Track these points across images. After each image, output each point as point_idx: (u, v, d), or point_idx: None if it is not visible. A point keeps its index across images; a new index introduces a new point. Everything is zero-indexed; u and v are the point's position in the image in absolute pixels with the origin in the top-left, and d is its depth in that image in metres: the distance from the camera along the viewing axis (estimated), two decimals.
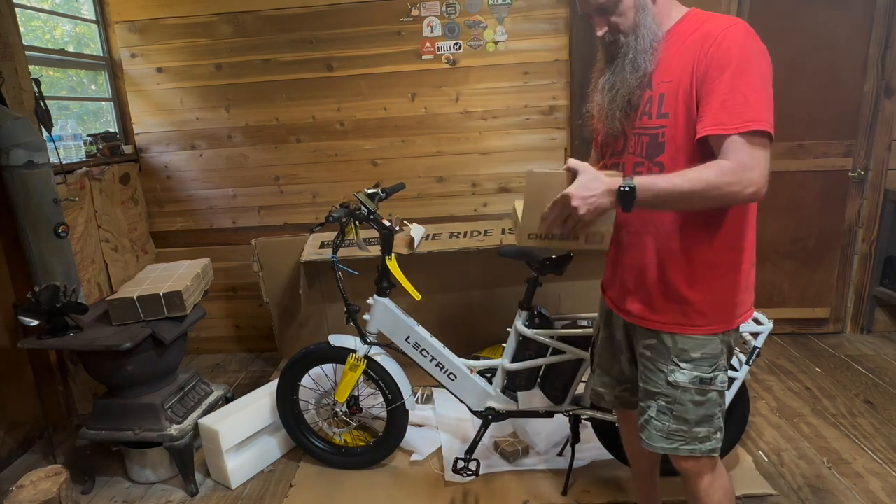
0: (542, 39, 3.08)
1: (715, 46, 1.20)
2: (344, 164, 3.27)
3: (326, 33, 3.10)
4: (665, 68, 1.29)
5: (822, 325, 3.38)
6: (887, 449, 2.29)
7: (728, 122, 1.17)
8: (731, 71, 1.17)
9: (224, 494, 2.24)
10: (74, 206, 2.67)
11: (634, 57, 1.29)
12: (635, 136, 1.36)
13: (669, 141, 1.28)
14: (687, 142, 1.26)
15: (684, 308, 1.35)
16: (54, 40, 3.07)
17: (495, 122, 3.19)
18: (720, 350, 1.37)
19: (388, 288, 2.16)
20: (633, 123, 1.35)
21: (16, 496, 1.70)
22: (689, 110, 1.25)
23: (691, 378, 1.35)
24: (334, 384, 2.33)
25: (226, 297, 3.47)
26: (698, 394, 1.36)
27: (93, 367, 2.27)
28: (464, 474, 2.12)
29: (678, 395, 1.37)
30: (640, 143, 1.34)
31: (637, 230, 1.38)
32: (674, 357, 1.37)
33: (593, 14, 1.32)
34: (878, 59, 3.00)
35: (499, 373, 2.14)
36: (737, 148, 1.17)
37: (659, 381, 1.39)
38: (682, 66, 1.25)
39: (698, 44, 1.23)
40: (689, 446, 1.39)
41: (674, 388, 1.37)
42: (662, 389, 1.39)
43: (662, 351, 1.38)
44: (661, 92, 1.29)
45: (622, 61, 1.31)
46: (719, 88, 1.18)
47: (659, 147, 1.30)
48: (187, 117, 3.24)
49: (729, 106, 1.17)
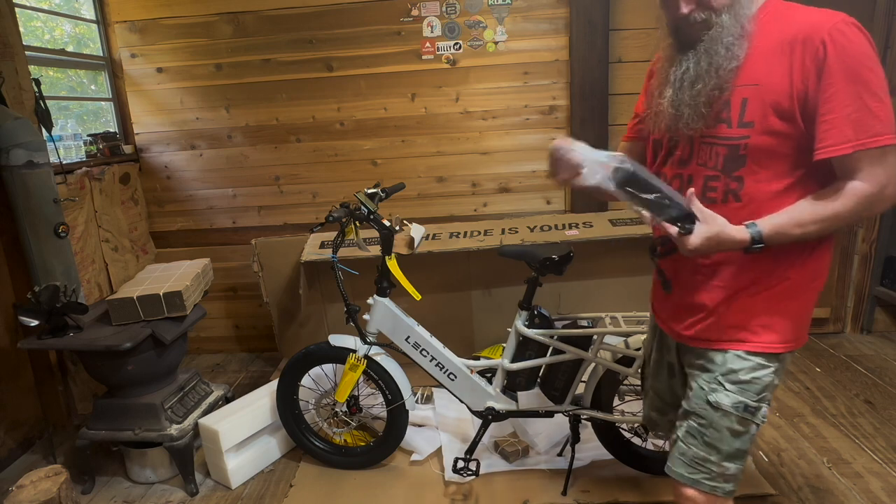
0: (542, 39, 3.08)
1: (825, 51, 1.04)
2: (344, 164, 3.27)
3: (326, 33, 3.10)
4: (749, 67, 1.12)
5: (822, 325, 3.38)
6: (887, 449, 2.29)
7: (858, 139, 1.04)
8: (850, 79, 1.03)
9: (224, 494, 2.24)
10: (74, 206, 2.67)
11: (731, 42, 1.10)
12: (707, 146, 1.18)
13: (753, 154, 1.13)
14: (774, 156, 1.12)
15: (744, 323, 1.21)
16: (54, 40, 3.07)
17: (495, 122, 3.19)
18: (770, 380, 1.21)
19: (388, 288, 2.16)
20: (702, 130, 1.18)
21: (16, 496, 1.70)
22: (784, 123, 1.09)
23: (735, 402, 1.20)
24: (334, 384, 2.33)
25: (226, 297, 3.47)
26: (739, 423, 1.20)
27: (93, 367, 2.27)
28: (464, 474, 2.12)
29: (716, 419, 1.21)
30: (714, 154, 1.17)
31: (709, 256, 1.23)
32: (719, 375, 1.22)
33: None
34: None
35: (499, 373, 2.14)
36: (870, 165, 1.05)
37: (697, 399, 1.24)
38: (772, 69, 1.09)
39: (799, 45, 1.06)
40: (713, 482, 1.23)
41: (713, 408, 1.21)
42: (698, 408, 1.23)
43: (709, 368, 1.24)
44: (744, 96, 1.12)
45: (712, 47, 1.11)
46: (840, 100, 1.04)
47: (739, 161, 1.14)
48: (187, 117, 3.24)
49: (856, 120, 1.03)
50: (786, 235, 1.10)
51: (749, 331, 1.20)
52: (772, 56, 1.09)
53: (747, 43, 1.11)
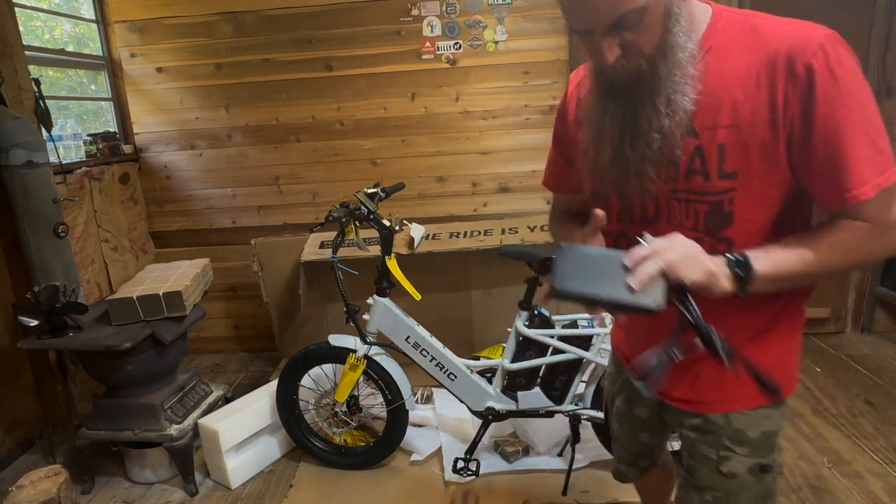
0: (542, 39, 3.08)
1: (813, 78, 0.83)
2: (344, 164, 3.27)
3: (326, 33, 3.10)
4: (717, 104, 0.89)
5: (823, 325, 3.37)
6: (887, 449, 2.29)
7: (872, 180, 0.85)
8: (849, 110, 0.83)
9: (224, 494, 2.24)
10: (74, 206, 2.67)
11: (671, 92, 0.87)
12: (680, 204, 0.96)
13: (740, 209, 0.91)
14: (765, 205, 0.91)
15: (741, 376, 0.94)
16: (54, 40, 3.07)
17: (495, 122, 3.19)
18: (779, 423, 1.06)
19: (388, 288, 2.16)
20: (671, 185, 0.95)
21: (15, 496, 1.70)
22: (769, 166, 0.88)
23: (750, 467, 1.03)
24: (334, 384, 2.33)
25: (226, 297, 3.47)
26: (758, 485, 1.05)
27: (92, 367, 2.27)
28: (464, 474, 2.12)
29: (733, 489, 1.05)
30: (691, 212, 0.95)
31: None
32: (726, 441, 1.04)
33: (602, 32, 0.84)
34: (878, 59, 2.99)
35: (499, 373, 2.14)
36: (880, 205, 0.86)
37: (706, 472, 1.07)
38: (750, 102, 0.87)
39: (779, 71, 0.85)
40: None
41: (727, 479, 1.04)
42: (710, 483, 1.07)
43: (712, 432, 1.05)
44: (720, 142, 0.89)
45: (649, 99, 0.88)
46: (841, 139, 0.84)
47: (725, 219, 0.92)
48: (187, 117, 3.24)
49: (867, 157, 0.85)
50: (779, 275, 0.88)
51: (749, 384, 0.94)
52: (747, 87, 0.87)
53: (692, 88, 0.87)
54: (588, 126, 0.99)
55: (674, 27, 0.85)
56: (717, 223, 0.94)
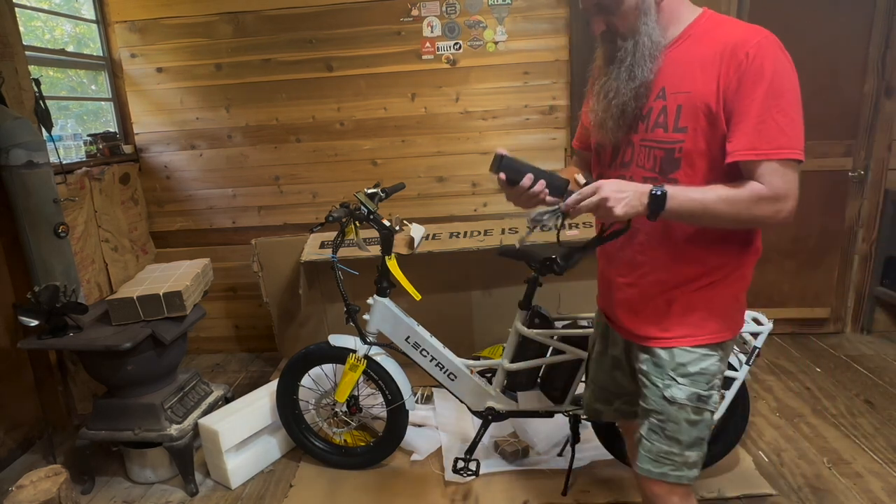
0: (542, 39, 3.08)
1: (747, 63, 1.12)
2: (344, 164, 3.27)
3: (326, 33, 3.10)
4: (682, 77, 1.20)
5: (822, 325, 3.38)
6: (887, 449, 2.29)
7: (761, 148, 1.12)
8: (764, 92, 1.11)
9: (224, 494, 2.24)
10: (74, 206, 2.67)
11: (631, 65, 1.20)
12: (645, 149, 1.26)
13: (687, 156, 1.20)
14: (706, 158, 1.19)
15: (685, 319, 1.29)
16: (54, 40, 3.07)
17: (495, 122, 3.19)
18: (717, 368, 1.30)
19: (388, 288, 2.16)
20: (642, 135, 1.26)
21: (16, 496, 1.70)
22: (711, 126, 1.17)
23: (689, 394, 1.27)
24: (334, 384, 2.33)
25: (226, 297, 3.47)
26: (694, 412, 1.28)
27: (93, 367, 2.27)
28: (464, 474, 2.12)
29: (673, 413, 1.28)
30: (651, 156, 1.25)
31: (640, 244, 1.31)
32: (670, 371, 1.29)
33: (592, 11, 1.23)
34: (878, 59, 3.00)
35: (499, 373, 2.14)
36: (771, 174, 1.12)
37: (653, 397, 1.31)
38: (704, 77, 1.16)
39: (727, 55, 1.14)
40: (678, 472, 1.30)
41: (669, 403, 1.28)
42: (656, 406, 1.30)
43: (660, 365, 1.31)
44: (679, 103, 1.20)
45: (618, 67, 1.22)
46: (753, 110, 1.12)
47: (675, 163, 1.22)
48: (187, 117, 3.24)
49: (762, 130, 1.11)
50: (685, 195, 1.15)
51: (691, 325, 1.28)
52: (705, 65, 1.16)
53: (656, 64, 1.20)
54: (589, 88, 1.35)
55: (643, 18, 1.18)
56: (668, 167, 1.23)
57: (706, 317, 1.28)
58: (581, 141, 1.53)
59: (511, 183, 1.27)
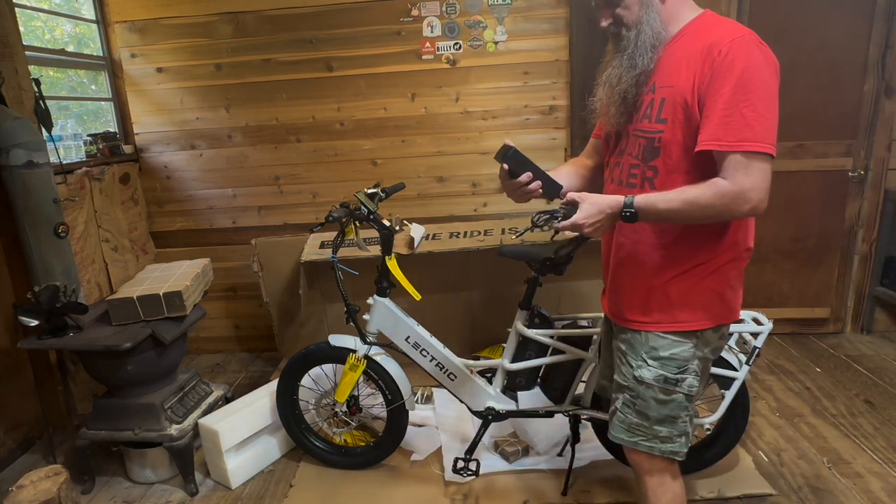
0: (542, 39, 3.08)
1: (720, 59, 1.18)
2: (344, 164, 3.27)
3: (326, 33, 3.10)
4: (669, 72, 1.28)
5: (822, 325, 3.38)
6: (887, 449, 2.29)
7: (725, 140, 1.17)
8: (733, 86, 1.16)
9: (224, 494, 2.24)
10: (74, 206, 2.67)
11: (633, 53, 1.29)
12: (634, 138, 1.36)
13: (665, 146, 1.29)
14: (683, 149, 1.27)
15: (659, 306, 1.38)
16: (54, 40, 3.07)
17: (495, 122, 3.19)
18: (691, 354, 1.38)
19: (388, 288, 2.16)
20: (634, 125, 1.35)
21: (16, 496, 1.70)
22: (688, 119, 1.24)
23: (656, 376, 1.38)
24: (334, 384, 2.33)
25: (226, 297, 3.47)
26: (662, 392, 1.38)
27: (93, 367, 2.27)
28: (464, 474, 2.12)
29: (641, 391, 1.40)
30: (637, 145, 1.35)
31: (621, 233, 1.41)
32: (643, 353, 1.40)
33: (600, 4, 1.32)
34: (878, 59, 3.00)
35: (499, 373, 2.14)
36: (735, 167, 1.18)
37: (627, 375, 1.43)
38: (686, 73, 1.24)
39: (704, 53, 1.21)
40: (649, 443, 1.43)
41: (638, 383, 1.40)
42: (628, 383, 1.43)
43: (635, 346, 1.42)
44: (663, 96, 1.28)
45: (622, 56, 1.31)
46: (720, 103, 1.17)
47: (654, 152, 1.31)
48: (187, 117, 3.24)
49: (728, 123, 1.16)
50: (654, 207, 1.24)
51: (665, 313, 1.37)
52: (689, 62, 1.24)
53: (656, 54, 1.28)
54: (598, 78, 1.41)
55: (646, 9, 1.27)
56: (649, 154, 1.32)
57: (680, 306, 1.36)
58: (597, 129, 1.63)
59: (512, 175, 1.41)
